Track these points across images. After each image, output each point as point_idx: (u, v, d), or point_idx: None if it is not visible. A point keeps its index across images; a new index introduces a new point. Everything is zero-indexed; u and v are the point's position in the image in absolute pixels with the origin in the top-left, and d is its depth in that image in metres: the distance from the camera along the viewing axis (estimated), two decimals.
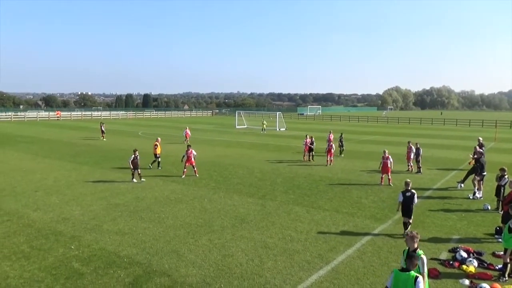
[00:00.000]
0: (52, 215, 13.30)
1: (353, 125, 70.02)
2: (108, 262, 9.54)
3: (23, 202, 14.97)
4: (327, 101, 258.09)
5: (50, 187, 17.54)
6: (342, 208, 14.61)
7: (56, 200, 15.31)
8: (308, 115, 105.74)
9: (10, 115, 77.43)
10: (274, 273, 9.03)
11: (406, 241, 6.85)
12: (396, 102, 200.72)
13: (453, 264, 9.62)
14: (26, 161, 24.73)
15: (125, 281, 8.56)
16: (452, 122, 75.81)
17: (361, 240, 11.24)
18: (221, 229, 12.07)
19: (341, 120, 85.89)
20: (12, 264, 9.37)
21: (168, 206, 14.63)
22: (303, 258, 9.93)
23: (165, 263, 9.54)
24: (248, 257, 9.95)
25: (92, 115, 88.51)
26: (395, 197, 16.24)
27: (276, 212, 13.90)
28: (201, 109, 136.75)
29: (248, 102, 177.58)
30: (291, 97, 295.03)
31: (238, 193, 16.80)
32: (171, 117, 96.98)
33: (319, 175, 21.06)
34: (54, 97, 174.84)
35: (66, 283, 8.47)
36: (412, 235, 6.67)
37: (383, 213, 14.02)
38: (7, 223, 12.40)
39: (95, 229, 11.96)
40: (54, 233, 11.53)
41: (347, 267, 9.41)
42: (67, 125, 60.97)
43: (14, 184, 17.97)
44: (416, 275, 5.70)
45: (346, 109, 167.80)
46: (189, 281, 8.60)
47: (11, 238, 11.13)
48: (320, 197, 16.27)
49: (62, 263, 9.48)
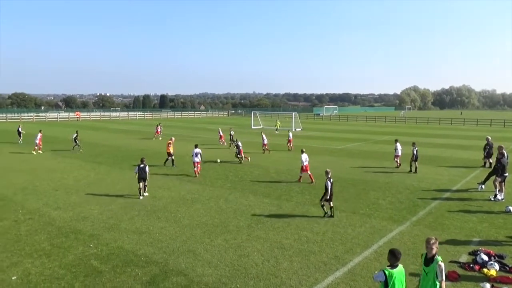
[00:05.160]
0: (72, 214, 13.59)
1: (370, 125, 69.26)
2: (126, 261, 9.68)
3: (44, 200, 15.34)
4: (343, 101, 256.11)
5: (70, 186, 17.92)
6: (359, 209, 14.47)
7: (76, 199, 15.62)
8: (324, 115, 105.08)
9: (32, 115, 79.48)
10: (290, 274, 9.01)
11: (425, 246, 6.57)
12: (414, 102, 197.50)
13: (473, 267, 9.40)
14: (47, 161, 25.32)
15: (143, 280, 8.68)
16: (473, 122, 74.15)
17: (378, 241, 11.10)
18: (237, 229, 12.11)
19: (357, 120, 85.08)
20: (34, 261, 9.61)
21: (184, 206, 14.76)
22: (319, 259, 9.87)
23: (182, 262, 9.62)
24: (264, 257, 9.95)
25: (110, 116, 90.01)
26: (413, 198, 16.01)
27: (292, 213, 13.86)
28: (217, 109, 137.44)
29: (263, 102, 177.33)
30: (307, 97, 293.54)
31: (254, 193, 16.82)
32: (188, 117, 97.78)
33: (335, 175, 20.81)
34: (74, 98, 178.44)
35: (85, 280, 8.64)
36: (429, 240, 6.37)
37: (400, 214, 13.82)
38: (29, 221, 12.73)
39: (113, 228, 12.17)
40: (74, 232, 11.78)
41: (364, 269, 9.32)
42: (86, 125, 62.15)
43: (36, 183, 18.43)
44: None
45: (363, 109, 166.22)
46: (205, 281, 8.66)
47: (32, 236, 11.42)
48: (336, 198, 16.09)
49: (82, 261, 9.68)
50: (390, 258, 6.03)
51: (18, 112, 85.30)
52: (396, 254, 5.97)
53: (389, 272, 5.90)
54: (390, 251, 6.06)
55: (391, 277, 5.88)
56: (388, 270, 5.92)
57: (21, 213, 13.63)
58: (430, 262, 6.29)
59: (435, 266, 6.19)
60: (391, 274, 5.89)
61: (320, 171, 21.99)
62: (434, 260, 6.24)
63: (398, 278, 5.94)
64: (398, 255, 5.97)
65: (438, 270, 6.14)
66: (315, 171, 22.19)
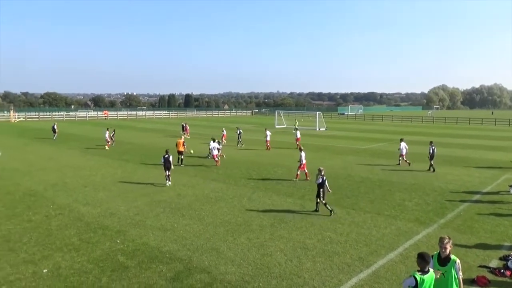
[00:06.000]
0: (100, 210, 13.97)
1: (395, 125, 67.85)
2: (151, 257, 9.88)
3: (73, 197, 15.84)
4: (368, 100, 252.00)
5: (98, 183, 18.43)
6: (384, 210, 14.21)
7: (103, 195, 16.05)
8: (349, 115, 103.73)
9: (62, 114, 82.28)
10: (313, 274, 8.96)
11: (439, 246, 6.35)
12: (442, 101, 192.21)
13: (504, 273, 9.07)
14: (76, 158, 26.13)
15: (167, 276, 8.83)
16: (505, 122, 71.37)
17: (404, 244, 10.88)
18: (260, 228, 12.13)
19: (383, 120, 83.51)
20: (64, 255, 9.95)
21: (208, 204, 14.91)
22: (342, 260, 9.77)
23: (205, 260, 9.73)
24: (287, 257, 9.93)
25: (136, 115, 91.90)
26: (441, 200, 15.60)
27: (316, 213, 13.76)
28: (241, 108, 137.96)
29: (287, 101, 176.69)
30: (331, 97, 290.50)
31: (277, 192, 16.80)
32: (212, 116, 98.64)
33: (360, 176, 20.62)
34: (102, 97, 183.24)
35: (112, 275, 8.88)
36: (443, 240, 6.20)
37: (427, 216, 13.48)
38: (60, 217, 13.19)
39: (139, 224, 12.44)
40: (102, 227, 12.11)
41: (389, 271, 9.15)
42: (114, 124, 63.61)
43: (66, 180, 19.05)
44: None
45: (389, 109, 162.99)
46: (228, 279, 8.73)
47: (63, 230, 11.82)
48: (361, 198, 15.93)
49: (109, 256, 9.94)
50: (420, 263, 5.68)
51: (50, 111, 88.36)
52: (426, 258, 5.65)
53: (420, 278, 5.57)
54: (419, 255, 5.73)
55: (422, 282, 5.55)
56: (419, 276, 5.59)
57: (52, 209, 14.13)
58: (447, 261, 6.16)
59: (453, 265, 6.09)
60: (422, 280, 5.57)
61: (344, 172, 21.77)
62: (451, 259, 6.11)
63: (429, 284, 5.65)
64: (428, 258, 5.67)
65: (457, 268, 6.08)
66: (339, 171, 21.97)
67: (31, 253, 10.05)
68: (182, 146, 23.36)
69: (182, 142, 23.57)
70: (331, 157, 27.70)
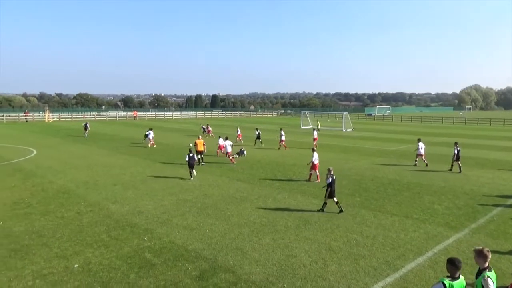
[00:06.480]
0: (128, 208, 14.34)
1: (425, 126, 66.08)
2: (177, 255, 10.05)
3: (103, 195, 16.32)
4: (397, 100, 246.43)
5: (126, 181, 18.91)
6: (412, 213, 13.87)
7: (132, 194, 16.46)
8: (376, 116, 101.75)
9: (94, 114, 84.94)
10: (338, 277, 8.86)
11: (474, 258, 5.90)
12: (475, 101, 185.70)
13: None
14: (107, 157, 26.90)
15: (192, 274, 8.96)
16: None
17: (433, 248, 10.58)
18: (285, 229, 12.11)
19: (412, 121, 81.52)
20: (94, 251, 10.27)
21: (233, 204, 15.01)
22: (369, 263, 9.61)
23: (230, 259, 9.80)
24: (312, 258, 9.87)
25: (164, 115, 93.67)
26: (472, 204, 15.08)
27: (341, 215, 13.60)
28: (267, 109, 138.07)
29: (313, 102, 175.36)
30: (359, 97, 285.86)
31: (302, 193, 16.72)
32: (238, 117, 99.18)
33: (387, 178, 20.21)
34: (131, 98, 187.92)
35: (139, 271, 9.09)
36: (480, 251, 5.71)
37: (458, 221, 13.06)
38: (90, 214, 13.62)
39: (166, 223, 12.67)
40: (130, 225, 12.42)
41: (417, 276, 8.93)
42: (143, 124, 65.09)
43: (96, 178, 19.65)
44: None
45: (418, 109, 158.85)
46: (253, 279, 8.76)
47: (93, 227, 12.21)
48: (388, 201, 15.61)
49: (136, 253, 10.18)
50: (450, 268, 5.45)
51: (82, 112, 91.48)
52: (456, 263, 5.40)
53: (449, 284, 5.33)
54: (449, 260, 5.49)
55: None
56: (448, 281, 5.35)
57: (83, 206, 14.61)
58: (478, 275, 5.70)
59: (481, 281, 5.59)
60: (452, 286, 5.32)
61: (371, 173, 21.39)
62: (481, 274, 5.61)
63: None
64: (459, 264, 5.40)
65: (484, 284, 5.53)
66: (366, 173, 21.61)
67: (63, 249, 10.44)
68: (202, 146, 24.21)
69: (202, 142, 24.38)
70: (357, 158, 27.28)
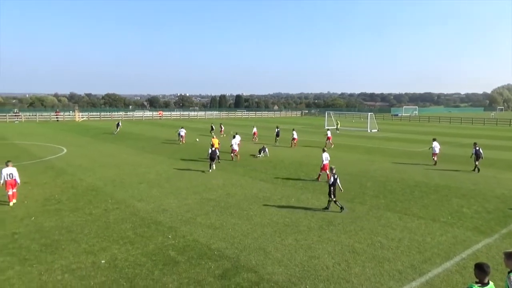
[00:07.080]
0: (153, 206, 14.61)
1: (454, 127, 64.14)
2: (200, 254, 10.17)
3: (130, 192, 16.70)
4: (424, 101, 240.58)
5: (152, 180, 19.27)
6: (440, 216, 13.51)
7: (157, 192, 16.76)
8: (403, 116, 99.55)
9: (121, 114, 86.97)
10: (362, 280, 8.74)
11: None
12: (507, 102, 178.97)
13: None
14: (133, 156, 27.50)
15: (215, 273, 9.04)
16: None
17: (461, 253, 10.28)
18: (308, 230, 12.04)
19: (440, 122, 79.32)
20: (120, 248, 10.53)
21: (256, 204, 15.05)
22: (393, 267, 9.43)
23: (253, 259, 9.84)
24: (335, 260, 9.77)
25: (189, 115, 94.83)
26: (503, 208, 14.55)
27: (366, 217, 13.40)
28: (291, 109, 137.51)
29: (338, 102, 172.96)
30: (384, 97, 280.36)
31: (326, 194, 16.50)
32: (261, 117, 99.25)
33: (414, 180, 19.76)
34: (157, 98, 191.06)
35: (163, 269, 9.25)
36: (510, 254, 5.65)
37: (488, 225, 12.63)
38: (117, 211, 13.97)
39: (189, 221, 12.84)
40: (155, 223, 12.66)
41: (444, 281, 8.70)
42: (168, 123, 66.19)
43: (123, 176, 20.12)
44: None
45: (447, 110, 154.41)
46: (275, 279, 8.75)
47: (119, 224, 12.51)
48: (414, 203, 15.27)
49: (161, 250, 10.37)
50: (478, 274, 5.35)
51: (110, 111, 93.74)
52: (485, 269, 5.30)
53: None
54: (477, 266, 5.40)
55: None
56: (477, 287, 5.28)
57: (110, 203, 15.00)
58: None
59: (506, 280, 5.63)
60: None
61: (397, 175, 20.95)
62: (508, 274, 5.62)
63: None
64: (487, 269, 5.31)
65: (508, 284, 5.55)
66: (391, 174, 21.19)
67: (91, 244, 10.75)
68: (218, 144, 24.76)
69: (217, 141, 25.26)
70: (382, 159, 26.78)
